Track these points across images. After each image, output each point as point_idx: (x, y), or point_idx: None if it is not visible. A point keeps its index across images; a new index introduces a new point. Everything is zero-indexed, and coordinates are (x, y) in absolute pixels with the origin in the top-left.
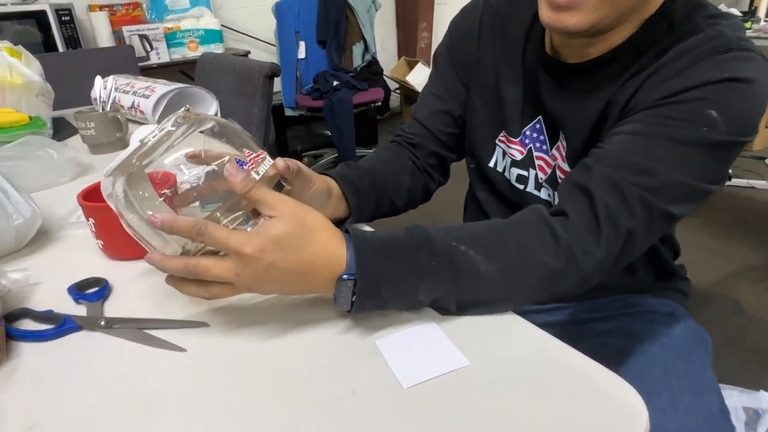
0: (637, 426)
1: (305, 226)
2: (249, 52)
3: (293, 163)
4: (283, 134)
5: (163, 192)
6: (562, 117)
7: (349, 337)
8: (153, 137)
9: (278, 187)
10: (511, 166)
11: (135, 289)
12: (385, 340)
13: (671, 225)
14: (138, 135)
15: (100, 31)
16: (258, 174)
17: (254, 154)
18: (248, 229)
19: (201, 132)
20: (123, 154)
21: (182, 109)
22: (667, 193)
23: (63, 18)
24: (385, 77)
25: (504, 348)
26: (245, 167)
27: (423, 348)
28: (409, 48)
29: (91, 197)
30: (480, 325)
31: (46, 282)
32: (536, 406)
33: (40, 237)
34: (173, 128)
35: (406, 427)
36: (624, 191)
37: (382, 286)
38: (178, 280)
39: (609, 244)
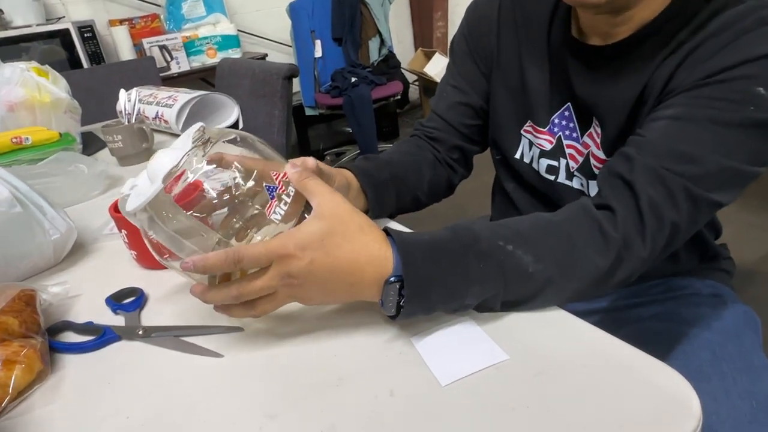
0: (689, 415)
1: (346, 225)
2: (266, 55)
3: (310, 164)
4: (305, 134)
5: (192, 214)
6: (596, 103)
7: (384, 336)
8: (177, 171)
9: None
10: (539, 157)
11: (169, 297)
12: (421, 337)
13: (715, 212)
14: (159, 168)
15: (121, 44)
16: (289, 196)
17: (281, 175)
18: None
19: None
20: (148, 193)
21: (196, 129)
22: (713, 180)
23: (85, 35)
24: (402, 70)
25: (544, 340)
26: (276, 192)
27: (460, 344)
28: (425, 39)
29: None
30: (518, 319)
31: (84, 294)
32: (582, 400)
33: (77, 250)
34: (199, 165)
35: (447, 425)
36: (668, 183)
37: (432, 292)
38: (225, 306)
39: (654, 241)
